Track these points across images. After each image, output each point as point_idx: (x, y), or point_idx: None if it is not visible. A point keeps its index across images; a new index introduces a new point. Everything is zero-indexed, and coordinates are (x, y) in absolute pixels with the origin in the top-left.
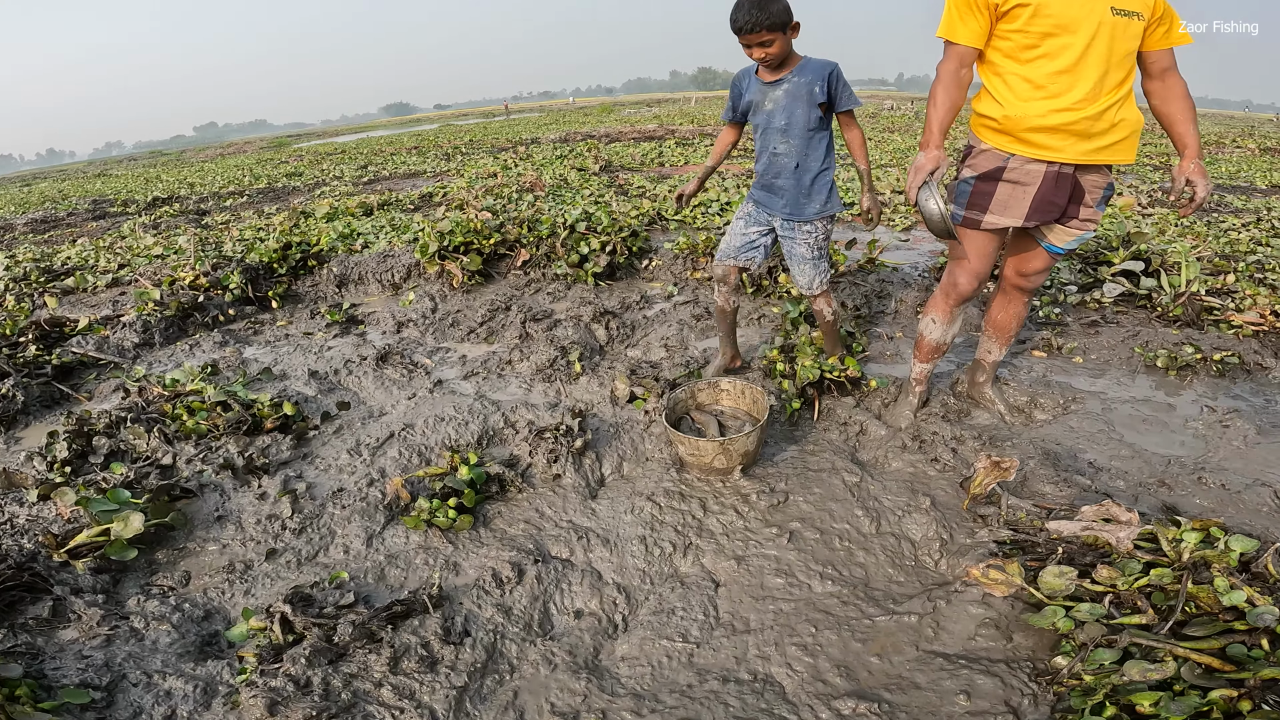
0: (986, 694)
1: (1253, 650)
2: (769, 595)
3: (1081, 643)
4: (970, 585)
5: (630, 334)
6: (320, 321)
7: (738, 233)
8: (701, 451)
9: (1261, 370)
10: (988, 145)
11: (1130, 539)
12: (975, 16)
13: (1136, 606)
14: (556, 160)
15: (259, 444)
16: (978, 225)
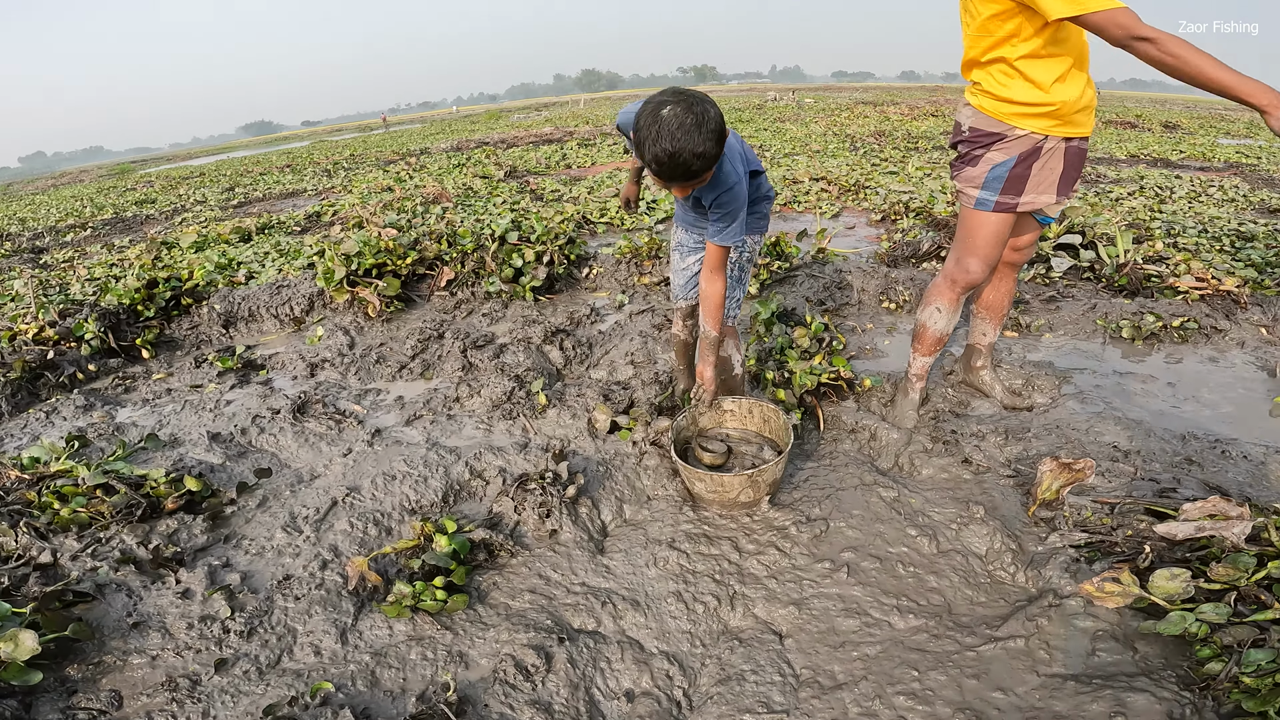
0: (1142, 711)
1: None
2: (847, 640)
3: (1226, 645)
4: (1067, 599)
5: (589, 353)
6: (209, 370)
7: (678, 268)
8: (726, 487)
9: (1218, 333)
10: (1025, 130)
11: (1244, 534)
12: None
13: (1261, 601)
14: (455, 169)
15: (162, 530)
16: (1013, 209)
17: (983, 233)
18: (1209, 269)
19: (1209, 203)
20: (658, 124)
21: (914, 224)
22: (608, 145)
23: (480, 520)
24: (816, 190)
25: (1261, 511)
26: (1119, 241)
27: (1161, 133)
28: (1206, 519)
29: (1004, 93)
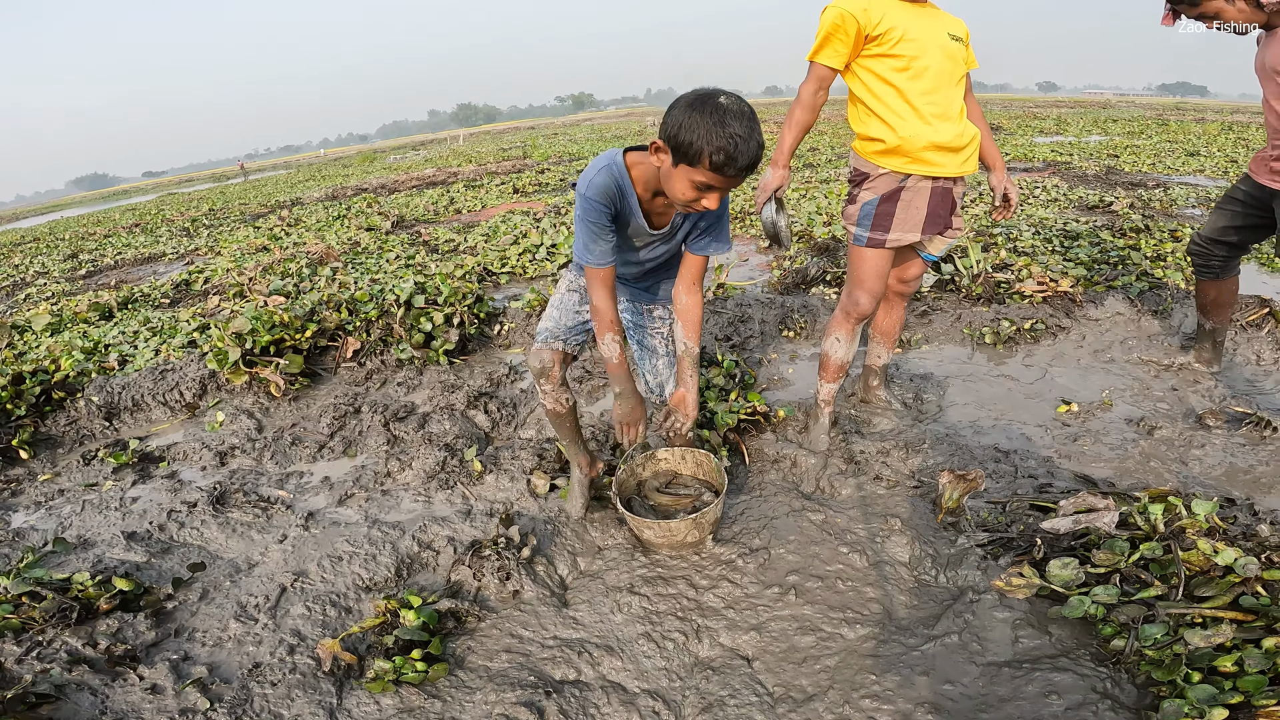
0: (1072, 688)
1: (1260, 599)
2: (808, 655)
3: (1123, 623)
4: (983, 594)
5: (515, 413)
6: (103, 468)
7: (570, 309)
8: (673, 532)
9: (1062, 330)
10: (885, 169)
11: (1113, 522)
12: (844, 41)
13: (1142, 580)
14: (336, 221)
15: (105, 629)
16: (883, 244)
17: (864, 267)
18: (1047, 271)
19: (1036, 204)
20: (720, 111)
21: (799, 249)
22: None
23: (441, 590)
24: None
25: (1125, 500)
26: (971, 253)
27: None
28: (1080, 513)
29: (864, 131)
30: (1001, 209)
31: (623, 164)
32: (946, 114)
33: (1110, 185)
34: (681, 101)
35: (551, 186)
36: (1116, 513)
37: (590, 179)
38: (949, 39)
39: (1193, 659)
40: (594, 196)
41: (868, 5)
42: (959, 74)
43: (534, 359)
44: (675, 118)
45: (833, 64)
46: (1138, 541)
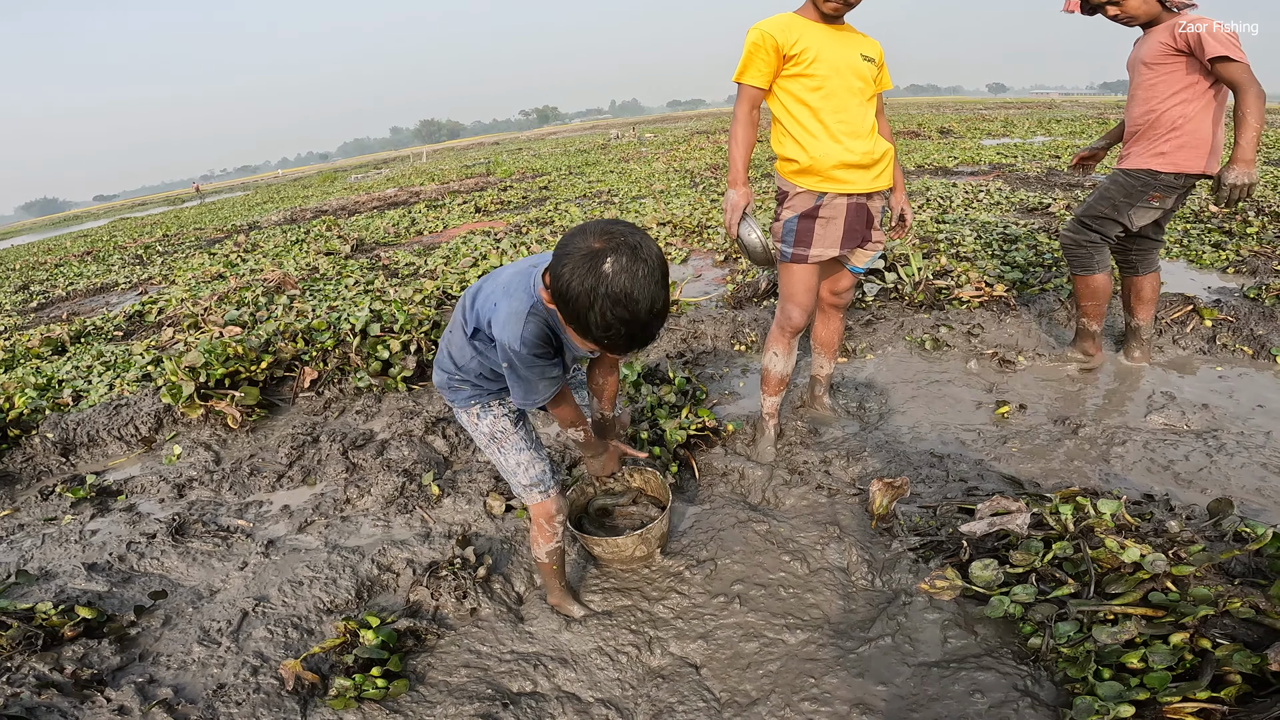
0: (994, 686)
1: (1169, 595)
2: (752, 661)
3: (1039, 621)
4: (915, 596)
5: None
6: (61, 502)
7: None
8: (621, 548)
9: (997, 334)
10: (801, 188)
11: (1025, 523)
12: (765, 61)
13: (1056, 579)
14: (294, 246)
15: (70, 655)
16: (805, 260)
17: (792, 282)
18: (984, 276)
19: (980, 208)
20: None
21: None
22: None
23: (400, 610)
24: (665, 236)
25: (1036, 500)
26: (913, 261)
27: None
28: (995, 515)
29: (781, 151)
30: (897, 229)
31: (542, 301)
32: (857, 132)
33: (1050, 187)
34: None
35: (514, 204)
36: (1029, 514)
37: (519, 333)
38: (861, 59)
39: (1102, 656)
40: (531, 349)
41: (786, 25)
42: (870, 93)
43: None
44: (565, 276)
45: (757, 83)
46: (1051, 541)
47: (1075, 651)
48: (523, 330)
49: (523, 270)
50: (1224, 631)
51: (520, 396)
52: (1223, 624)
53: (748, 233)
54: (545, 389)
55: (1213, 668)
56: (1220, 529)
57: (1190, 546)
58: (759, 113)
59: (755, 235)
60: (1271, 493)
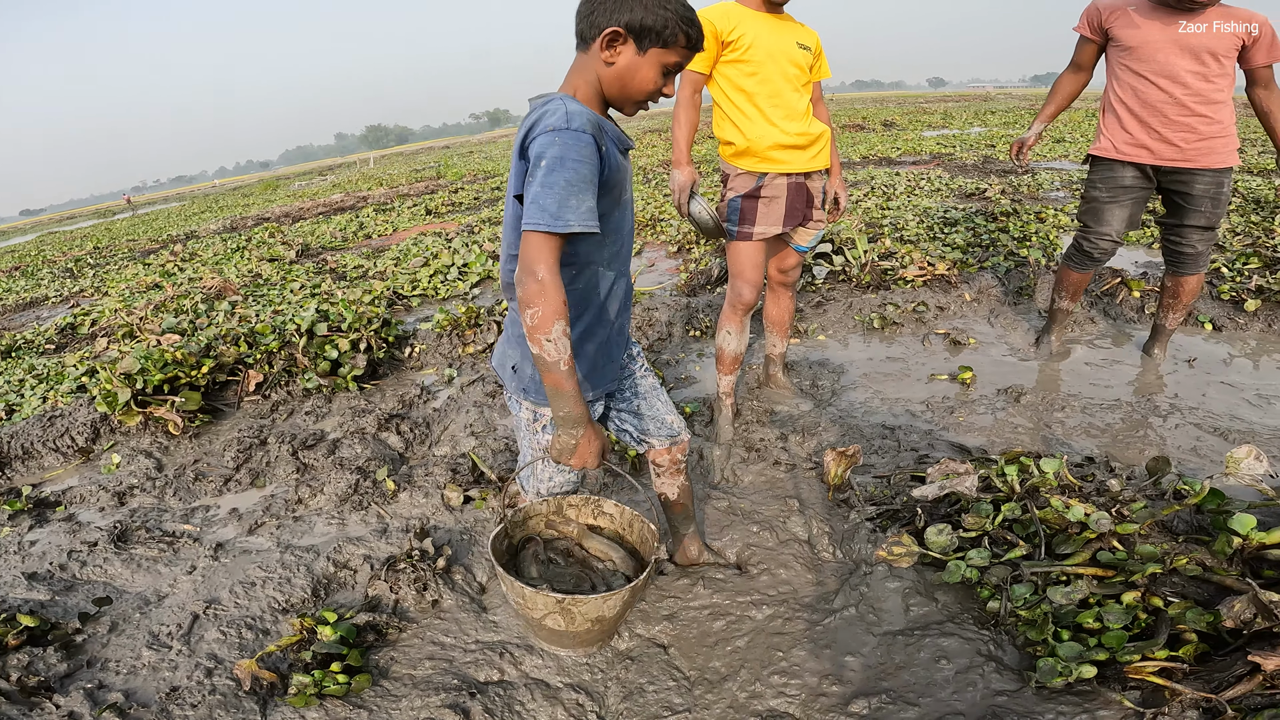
0: (959, 652)
1: (1117, 554)
2: (720, 639)
3: (995, 585)
4: (875, 566)
5: (428, 432)
6: None
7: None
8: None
9: (941, 311)
10: (742, 169)
11: (974, 486)
12: (706, 47)
13: (1008, 541)
14: (235, 254)
15: (16, 664)
16: (750, 238)
17: (740, 259)
18: (926, 257)
19: (921, 195)
20: None
21: (703, 252)
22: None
23: (359, 605)
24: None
25: (984, 464)
26: (859, 244)
27: (883, 132)
28: (944, 479)
29: (721, 135)
30: (833, 211)
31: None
32: (791, 115)
33: (986, 173)
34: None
35: (465, 206)
36: (975, 476)
37: (565, 111)
38: (797, 47)
39: (1059, 617)
40: (583, 128)
41: (726, 12)
42: (805, 79)
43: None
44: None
45: (698, 69)
46: (1000, 503)
47: (1033, 614)
48: (568, 108)
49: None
50: (1174, 589)
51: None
52: (1171, 582)
53: (697, 209)
54: (583, 210)
55: (1167, 626)
56: (1160, 487)
57: (1132, 504)
58: (700, 97)
59: (704, 210)
60: (1207, 451)
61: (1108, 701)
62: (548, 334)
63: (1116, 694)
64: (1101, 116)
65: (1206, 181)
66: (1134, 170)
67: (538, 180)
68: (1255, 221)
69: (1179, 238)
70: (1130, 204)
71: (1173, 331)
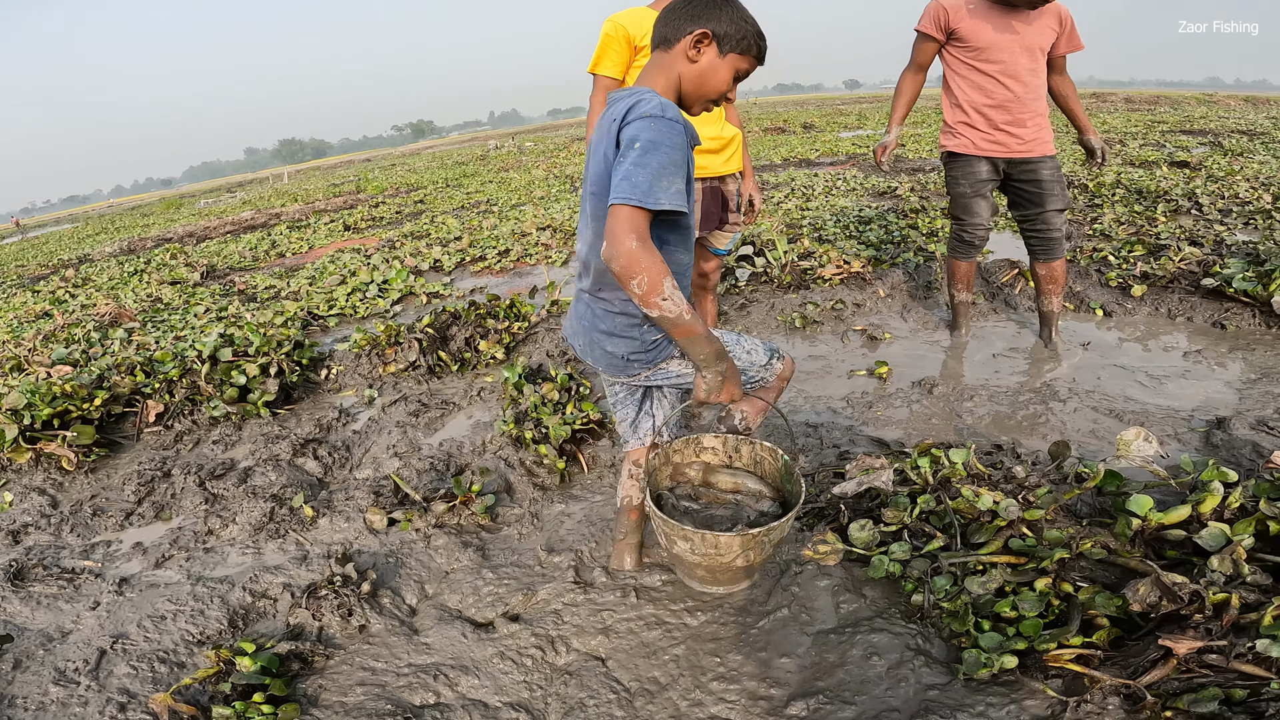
0: (890, 648)
1: (1026, 540)
2: (657, 648)
3: (918, 578)
4: (805, 564)
5: (349, 455)
6: None
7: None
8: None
9: (857, 307)
10: None
11: (890, 480)
12: (618, 52)
13: (926, 533)
14: (133, 277)
15: None
16: None
17: None
18: (843, 255)
19: (839, 195)
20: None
21: None
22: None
23: (281, 635)
24: (545, 240)
25: (898, 457)
26: (779, 245)
27: (803, 134)
28: (862, 474)
29: None
30: (748, 214)
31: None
32: (704, 119)
33: (897, 172)
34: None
35: (387, 220)
36: (891, 470)
37: (659, 101)
38: None
39: (978, 607)
40: (676, 118)
41: (639, 17)
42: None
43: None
44: (710, 6)
45: (611, 74)
46: (915, 495)
47: (955, 605)
48: (658, 99)
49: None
50: (1083, 574)
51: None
52: (1080, 566)
53: None
54: (669, 188)
55: (1079, 612)
56: (1062, 471)
57: (1037, 490)
58: None
59: None
60: (1105, 434)
61: (1032, 691)
62: (661, 294)
63: (1040, 683)
64: (949, 114)
65: (1049, 167)
66: (988, 164)
67: (630, 160)
68: (1139, 211)
69: (1045, 224)
70: (988, 194)
71: (1059, 315)
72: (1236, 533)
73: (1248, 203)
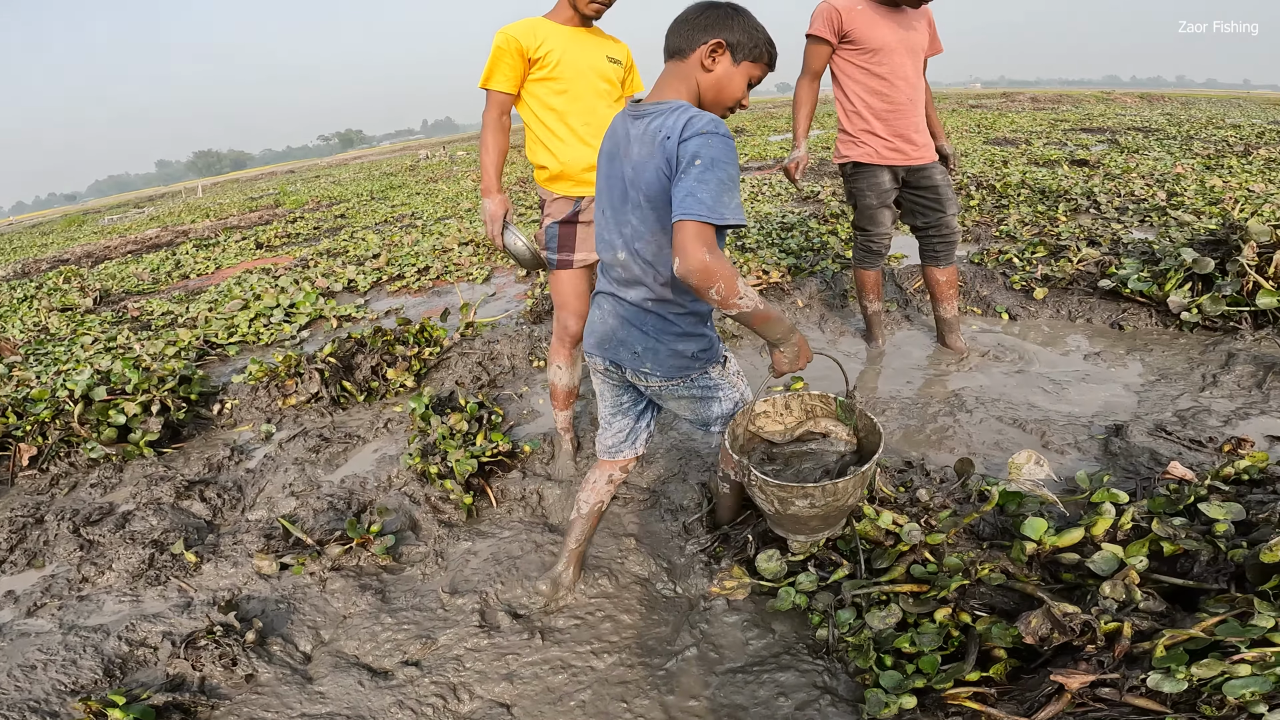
0: (796, 686)
1: (928, 566)
2: (564, 694)
3: (823, 610)
4: (714, 599)
5: (240, 496)
6: None
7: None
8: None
9: None
10: (558, 193)
11: None
12: (511, 65)
13: (834, 561)
14: (20, 305)
15: None
16: (571, 265)
17: (562, 289)
18: (763, 265)
19: (764, 200)
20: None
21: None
22: (235, 242)
23: (160, 685)
24: (467, 255)
25: None
26: None
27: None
28: None
29: (534, 159)
30: None
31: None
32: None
33: (820, 175)
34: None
35: (303, 236)
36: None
37: (708, 116)
38: (607, 62)
39: (880, 642)
40: (728, 133)
41: (531, 28)
42: (617, 94)
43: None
44: (722, 17)
45: (504, 88)
46: None
47: (859, 639)
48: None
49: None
50: (983, 601)
51: (714, 202)
52: (979, 593)
53: (512, 240)
54: (730, 203)
55: (976, 645)
56: (967, 489)
57: (940, 513)
58: (509, 119)
59: (519, 241)
60: (1009, 445)
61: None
62: (738, 294)
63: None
64: (847, 122)
65: (940, 171)
66: (889, 173)
67: (692, 176)
68: (1042, 211)
69: (947, 229)
70: (891, 203)
71: (958, 319)
72: (1130, 554)
73: (1143, 200)
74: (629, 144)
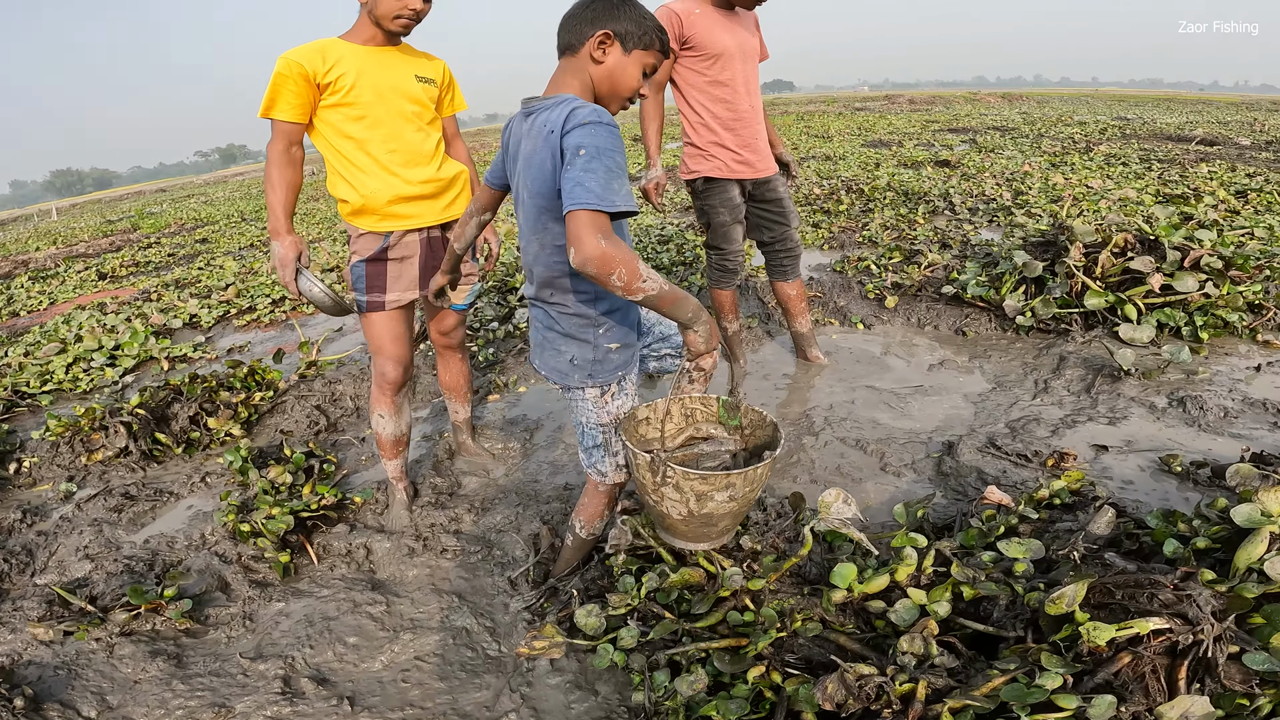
0: None
1: (745, 614)
2: None
3: (640, 671)
4: (536, 659)
5: (31, 559)
6: None
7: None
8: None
9: None
10: (363, 229)
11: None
12: (295, 93)
13: (656, 614)
14: None
15: None
16: (384, 307)
17: (375, 333)
18: None
19: (648, 212)
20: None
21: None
22: (76, 272)
23: None
24: (330, 282)
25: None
26: None
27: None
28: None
29: (334, 193)
30: (487, 261)
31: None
32: (413, 160)
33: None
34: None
35: (154, 264)
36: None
37: (592, 107)
38: (415, 81)
39: (692, 708)
40: (612, 122)
41: (319, 51)
42: (429, 116)
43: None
44: (608, 8)
45: (290, 117)
46: (642, 573)
47: (674, 703)
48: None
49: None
50: (800, 654)
51: (602, 190)
52: (796, 645)
53: (307, 286)
54: (619, 190)
55: (784, 709)
56: (799, 525)
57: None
58: (301, 150)
59: (316, 287)
60: (849, 470)
61: None
62: (641, 279)
63: None
64: (694, 135)
65: (782, 183)
66: (738, 187)
67: (578, 167)
68: (903, 215)
69: (792, 241)
70: (742, 218)
71: (814, 331)
72: (934, 599)
73: (992, 200)
74: (520, 142)
